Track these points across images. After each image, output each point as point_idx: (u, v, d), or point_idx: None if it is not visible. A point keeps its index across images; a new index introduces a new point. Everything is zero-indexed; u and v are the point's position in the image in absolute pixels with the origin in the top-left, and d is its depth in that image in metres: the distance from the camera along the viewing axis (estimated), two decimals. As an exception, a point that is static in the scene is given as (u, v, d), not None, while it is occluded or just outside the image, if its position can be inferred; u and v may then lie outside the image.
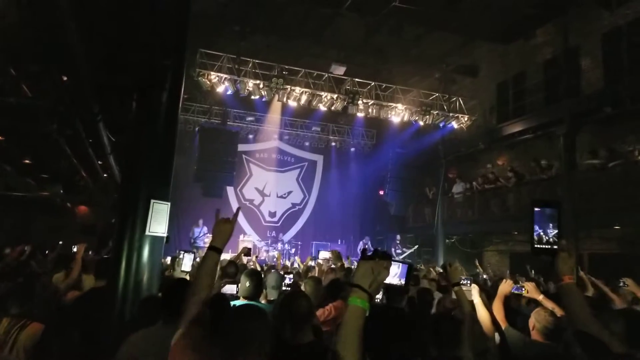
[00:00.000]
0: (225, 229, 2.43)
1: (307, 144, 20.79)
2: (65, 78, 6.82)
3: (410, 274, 2.32)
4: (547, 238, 1.94)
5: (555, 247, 1.93)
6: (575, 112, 12.45)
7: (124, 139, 8.60)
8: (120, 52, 6.04)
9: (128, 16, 5.73)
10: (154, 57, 5.00)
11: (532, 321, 3.52)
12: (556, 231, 1.94)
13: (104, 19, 5.91)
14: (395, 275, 2.62)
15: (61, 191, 16.19)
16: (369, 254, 1.95)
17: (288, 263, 12.79)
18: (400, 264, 2.62)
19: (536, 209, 1.97)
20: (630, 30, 11.93)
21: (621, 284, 5.50)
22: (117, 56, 6.19)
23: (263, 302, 4.40)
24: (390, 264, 1.94)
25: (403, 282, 2.66)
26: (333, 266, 7.41)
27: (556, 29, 13.77)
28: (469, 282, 4.22)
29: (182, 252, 6.05)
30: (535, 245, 1.95)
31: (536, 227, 1.96)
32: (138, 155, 5.01)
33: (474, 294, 4.04)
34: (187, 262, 5.34)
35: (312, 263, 9.58)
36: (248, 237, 17.92)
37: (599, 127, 12.64)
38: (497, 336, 3.71)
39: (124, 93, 5.35)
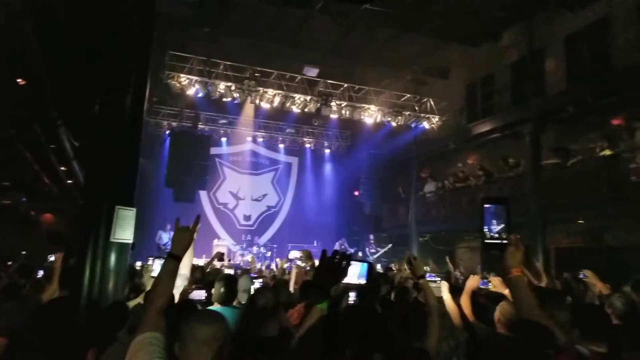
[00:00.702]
0: (184, 237, 2.43)
1: (281, 146, 20.76)
2: (23, 82, 6.65)
3: (372, 272, 2.34)
4: (496, 233, 2.00)
5: (504, 241, 1.98)
6: (540, 112, 12.77)
7: (88, 144, 8.44)
8: (81, 55, 5.92)
9: (89, 18, 5.62)
10: (116, 60, 4.92)
11: (497, 314, 3.58)
12: (504, 226, 2.00)
13: (64, 21, 5.78)
14: (355, 275, 2.63)
15: (24, 199, 15.75)
16: (329, 255, 1.96)
17: (263, 267, 12.73)
18: (360, 263, 2.63)
19: (486, 206, 2.02)
20: (591, 32, 12.27)
21: (581, 276, 5.66)
22: (78, 59, 6.07)
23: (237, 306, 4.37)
24: (349, 265, 1.95)
25: (364, 281, 2.67)
26: (308, 268, 7.41)
27: (522, 32, 14.06)
28: (439, 279, 4.30)
29: (151, 259, 5.92)
30: (486, 241, 2.00)
31: (486, 224, 2.01)
32: (101, 161, 4.92)
33: (444, 290, 4.12)
34: (157, 268, 5.23)
35: (287, 265, 9.56)
36: (222, 242, 17.80)
37: (563, 126, 13.00)
38: None
39: (87, 97, 5.25)
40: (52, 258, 6.19)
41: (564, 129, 13.02)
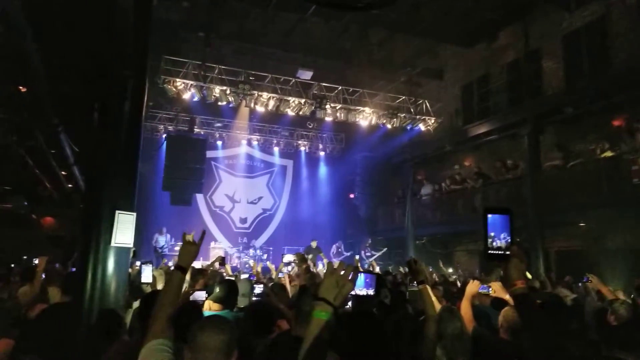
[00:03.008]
0: (191, 249, 2.54)
1: (276, 149, 20.72)
2: (23, 89, 6.65)
3: (380, 283, 2.33)
4: (499, 244, 1.97)
5: (507, 252, 1.96)
6: (537, 113, 12.73)
7: (88, 150, 8.44)
8: (79, 63, 5.92)
9: (87, 26, 5.62)
10: (114, 67, 4.93)
11: (500, 320, 3.58)
12: (508, 238, 1.97)
13: (62, 29, 5.78)
14: (363, 286, 2.63)
15: (25, 202, 15.77)
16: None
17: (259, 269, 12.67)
18: (368, 274, 2.63)
19: (489, 216, 1.99)
20: (588, 32, 12.29)
21: (585, 280, 5.67)
22: (76, 67, 6.07)
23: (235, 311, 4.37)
24: (356, 276, 1.94)
25: (372, 292, 2.67)
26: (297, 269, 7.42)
27: (517, 32, 14.07)
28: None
29: (140, 265, 5.83)
30: (489, 252, 1.98)
31: (489, 234, 1.99)
32: (101, 166, 4.94)
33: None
34: (147, 274, 5.22)
35: (285, 270, 9.51)
36: (219, 244, 17.76)
37: (561, 127, 12.97)
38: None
39: (86, 103, 5.25)
40: (36, 261, 6.24)
41: (563, 130, 12.99)
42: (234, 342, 2.00)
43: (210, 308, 4.14)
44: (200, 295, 4.34)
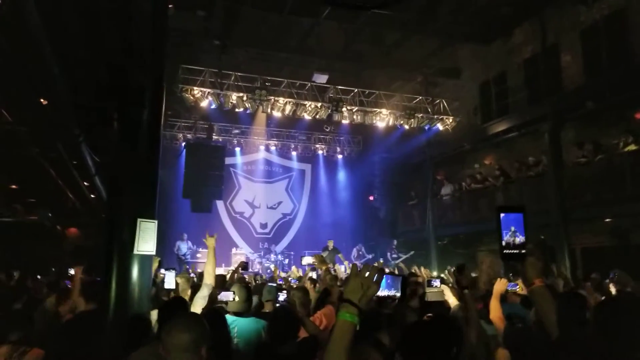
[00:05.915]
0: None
1: (294, 153, 20.79)
2: (44, 102, 6.78)
3: (406, 285, 2.32)
4: (515, 243, 1.94)
5: (523, 251, 1.93)
6: (558, 109, 12.54)
7: (108, 160, 8.57)
8: (97, 73, 6.01)
9: (104, 37, 5.70)
10: (132, 77, 4.98)
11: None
12: (523, 236, 1.94)
13: (80, 41, 5.88)
14: (384, 287, 2.60)
15: (49, 214, 16.06)
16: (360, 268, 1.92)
17: (283, 274, 12.68)
18: (390, 275, 2.61)
19: (502, 215, 1.97)
20: (607, 25, 12.09)
21: (612, 276, 5.57)
22: (95, 78, 6.16)
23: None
24: (381, 278, 1.92)
25: (398, 294, 2.65)
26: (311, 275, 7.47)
27: (534, 28, 13.91)
28: (438, 282, 4.24)
29: (163, 273, 5.84)
30: (505, 251, 1.95)
31: (504, 233, 1.96)
32: (122, 175, 4.98)
33: (447, 294, 4.07)
34: (170, 280, 5.24)
35: (312, 274, 9.46)
36: (240, 250, 17.87)
37: (583, 122, 12.77)
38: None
39: (105, 113, 5.31)
40: (72, 271, 6.27)
41: (584, 125, 12.79)
42: (200, 339, 2.11)
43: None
44: (227, 295, 4.36)
